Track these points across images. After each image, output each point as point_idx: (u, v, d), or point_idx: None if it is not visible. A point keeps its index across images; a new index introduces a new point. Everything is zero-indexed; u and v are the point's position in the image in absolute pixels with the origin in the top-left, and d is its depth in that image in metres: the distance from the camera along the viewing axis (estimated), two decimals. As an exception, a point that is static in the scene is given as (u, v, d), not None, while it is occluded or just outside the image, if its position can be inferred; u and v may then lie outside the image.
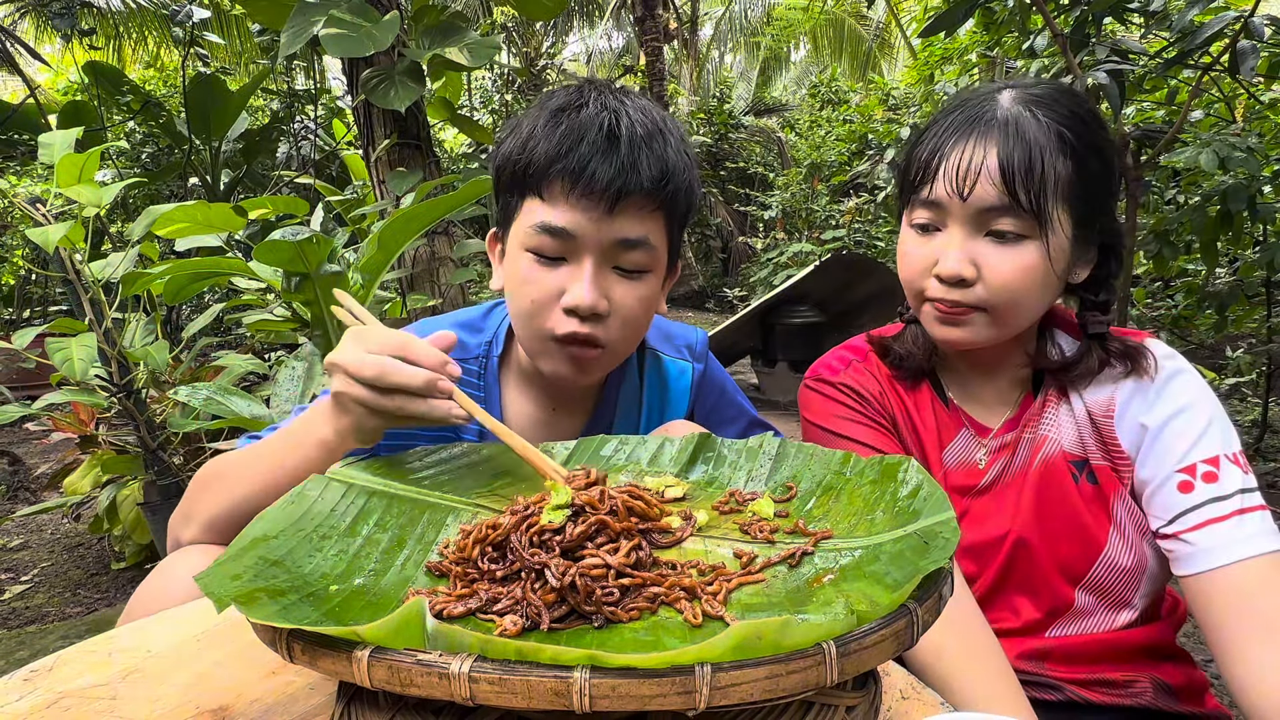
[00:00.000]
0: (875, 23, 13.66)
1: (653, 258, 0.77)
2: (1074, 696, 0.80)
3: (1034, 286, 0.75)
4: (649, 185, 0.72)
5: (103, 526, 2.39)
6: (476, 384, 0.88)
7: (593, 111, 0.73)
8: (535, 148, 0.73)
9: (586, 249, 0.74)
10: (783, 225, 7.63)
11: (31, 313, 5.44)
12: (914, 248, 0.80)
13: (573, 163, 0.71)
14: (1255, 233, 2.69)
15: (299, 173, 4.53)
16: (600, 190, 0.71)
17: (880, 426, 0.88)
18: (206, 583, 0.41)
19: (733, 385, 1.01)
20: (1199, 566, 0.71)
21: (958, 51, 4.22)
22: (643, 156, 0.72)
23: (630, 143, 0.72)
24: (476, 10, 9.18)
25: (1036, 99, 0.76)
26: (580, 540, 0.47)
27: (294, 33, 2.17)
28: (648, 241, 0.75)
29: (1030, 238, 0.74)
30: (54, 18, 4.00)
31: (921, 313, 0.82)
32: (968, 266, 0.75)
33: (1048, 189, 0.72)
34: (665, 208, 0.76)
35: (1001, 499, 0.84)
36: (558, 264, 0.75)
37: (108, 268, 1.93)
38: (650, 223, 0.76)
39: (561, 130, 0.73)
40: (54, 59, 6.38)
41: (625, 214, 0.73)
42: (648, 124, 0.74)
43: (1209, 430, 0.75)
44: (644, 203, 0.74)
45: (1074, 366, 0.81)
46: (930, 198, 0.77)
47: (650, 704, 0.33)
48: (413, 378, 0.60)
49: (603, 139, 0.72)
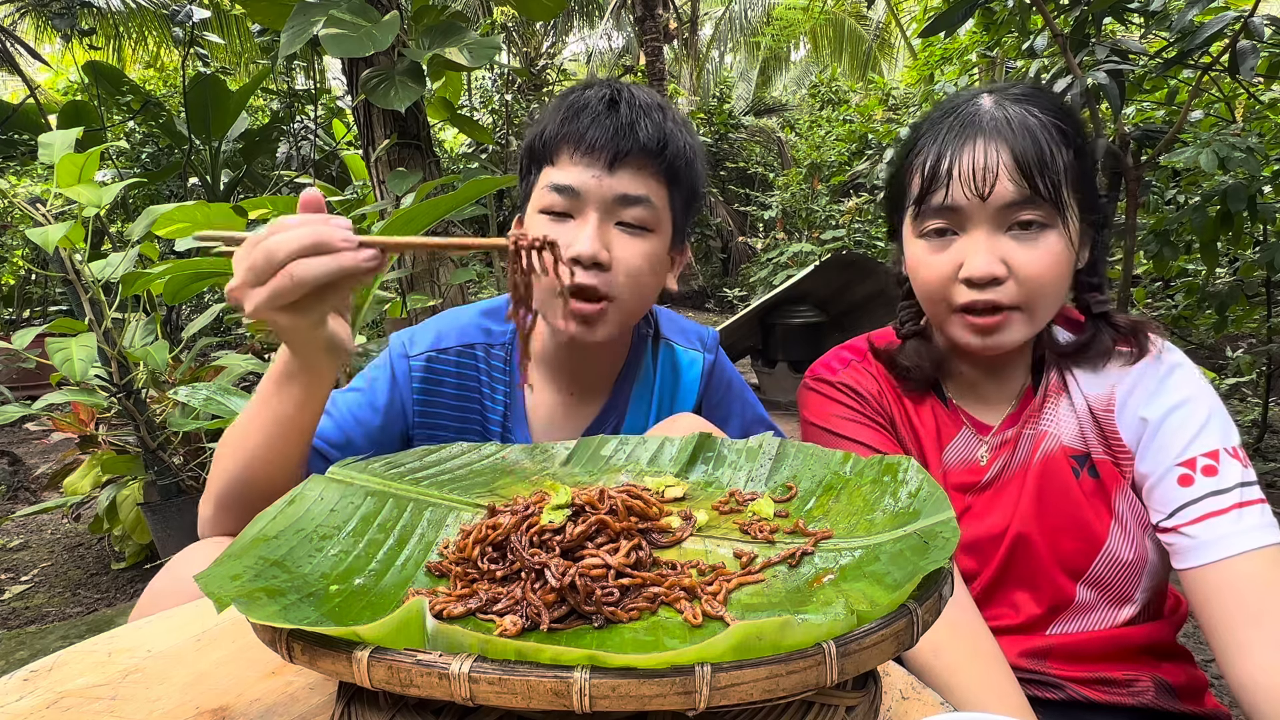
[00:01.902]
0: (875, 23, 13.66)
1: (654, 215, 0.82)
2: (1075, 695, 0.80)
3: (1062, 275, 0.77)
4: (646, 144, 0.79)
5: (103, 526, 2.39)
6: (504, 369, 0.93)
7: (597, 89, 0.83)
8: (546, 127, 0.82)
9: (590, 203, 0.80)
10: (783, 225, 7.63)
11: (31, 313, 5.44)
12: (931, 256, 0.79)
13: (576, 128, 0.79)
14: (1255, 233, 2.68)
15: (299, 173, 4.54)
16: (600, 148, 0.78)
17: (879, 426, 0.89)
18: (206, 583, 0.41)
19: (740, 382, 1.02)
20: (1198, 560, 0.71)
21: (958, 51, 4.22)
22: (641, 121, 0.79)
23: (630, 108, 0.80)
24: (476, 10, 9.17)
25: (1024, 97, 0.78)
26: (580, 540, 0.47)
27: (294, 33, 2.17)
28: (648, 199, 0.81)
29: (1051, 227, 0.75)
30: (54, 18, 4.00)
31: (950, 323, 0.81)
32: (998, 264, 0.75)
33: (1061, 176, 0.74)
34: (666, 173, 0.82)
35: (1003, 495, 0.84)
36: (566, 220, 0.81)
37: (108, 268, 1.93)
38: (651, 183, 0.81)
39: (567, 105, 0.82)
40: (54, 59, 6.38)
41: (625, 171, 0.79)
42: (648, 100, 0.82)
43: (1208, 424, 0.76)
44: (643, 163, 0.80)
45: (1088, 347, 0.82)
46: (946, 203, 0.77)
47: (650, 704, 0.33)
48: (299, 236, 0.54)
49: (604, 106, 0.80)
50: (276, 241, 0.54)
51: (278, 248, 0.54)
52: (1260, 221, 2.23)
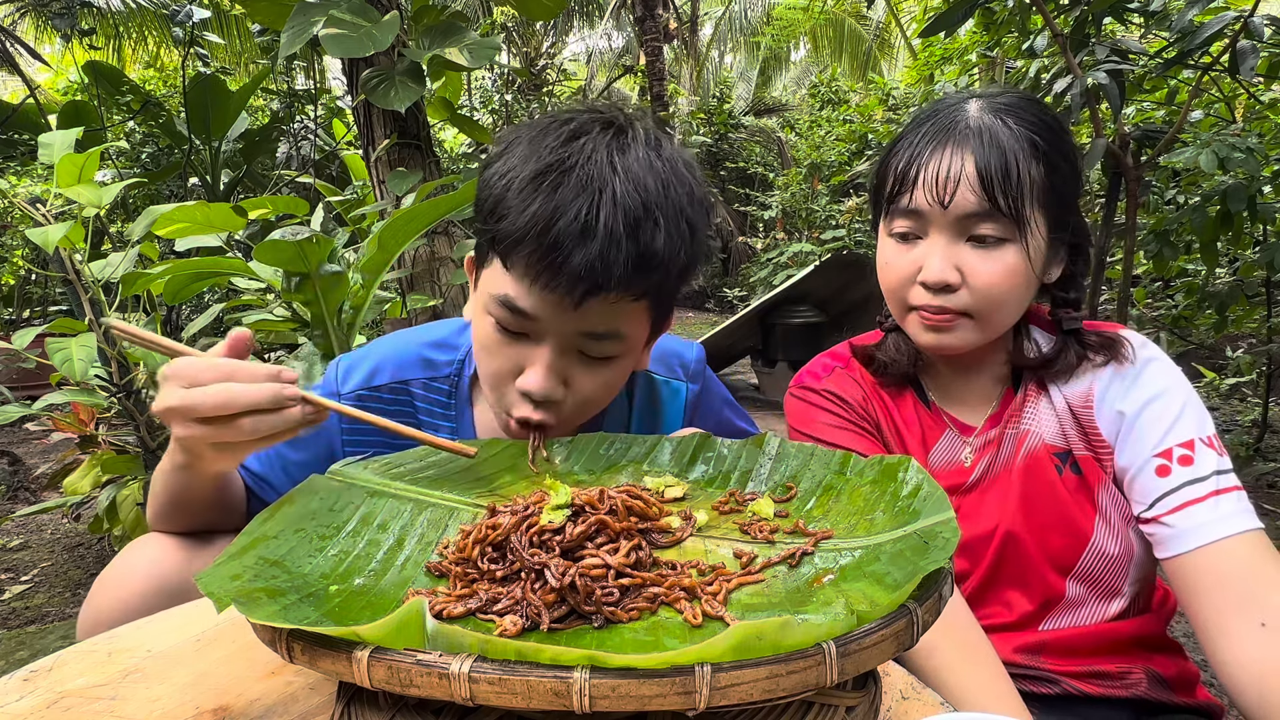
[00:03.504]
0: (875, 23, 13.66)
1: (624, 346, 0.71)
2: (1070, 689, 0.81)
3: (1016, 288, 0.77)
4: (621, 284, 0.64)
5: (103, 526, 2.38)
6: (446, 404, 0.85)
7: (575, 186, 0.63)
8: (506, 213, 0.65)
9: (548, 335, 0.68)
10: (783, 225, 7.63)
11: (31, 313, 5.44)
12: (895, 257, 0.82)
13: (540, 249, 0.63)
14: (1255, 233, 2.68)
15: (299, 173, 4.53)
16: (566, 285, 0.63)
17: (865, 432, 0.90)
18: (206, 583, 0.41)
19: (731, 407, 0.97)
20: (1179, 548, 0.73)
21: (958, 51, 4.22)
22: (620, 251, 0.63)
23: (609, 235, 0.62)
24: (476, 10, 9.17)
25: (1006, 108, 0.78)
26: (580, 540, 0.47)
27: (294, 33, 2.16)
28: (618, 334, 0.69)
29: (1010, 241, 0.76)
30: (54, 18, 4.00)
31: (907, 321, 0.84)
32: (952, 272, 0.77)
33: (1024, 193, 0.74)
34: (648, 296, 0.69)
35: (989, 495, 0.86)
36: (518, 338, 0.70)
37: (108, 268, 1.92)
38: (625, 315, 0.69)
39: (535, 208, 0.63)
40: (54, 59, 6.38)
41: (593, 308, 0.66)
42: (635, 207, 0.64)
43: (1183, 415, 0.77)
44: (617, 298, 0.66)
45: (1053, 362, 0.83)
46: (910, 206, 0.78)
47: (650, 704, 0.33)
48: (259, 393, 0.55)
49: (576, 229, 0.62)
50: (235, 392, 0.54)
51: (236, 398, 0.54)
52: (1260, 221, 2.23)
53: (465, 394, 0.87)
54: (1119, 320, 2.38)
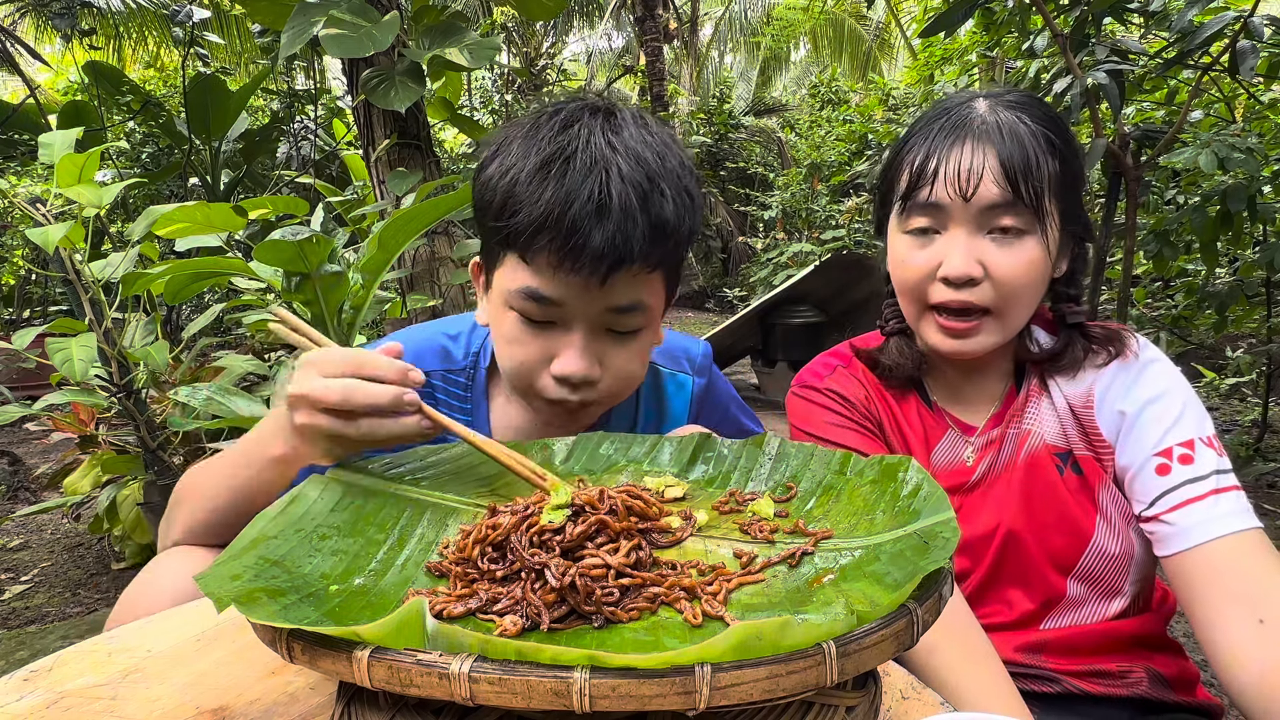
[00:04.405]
0: (875, 23, 13.67)
1: (647, 318, 0.73)
2: (1071, 688, 0.81)
3: (1035, 281, 0.78)
4: (641, 255, 0.66)
5: (103, 526, 2.39)
6: (463, 396, 0.86)
7: (581, 169, 0.65)
8: (519, 207, 0.66)
9: (577, 318, 0.70)
10: (783, 225, 7.63)
11: (31, 313, 5.44)
12: (912, 254, 0.81)
13: (560, 235, 0.64)
14: (1255, 233, 2.68)
15: (299, 173, 4.53)
16: (590, 265, 0.65)
17: (867, 431, 0.90)
18: (206, 583, 0.41)
19: (738, 405, 0.98)
20: (1179, 546, 0.73)
21: (958, 52, 4.22)
22: (636, 224, 0.65)
23: (623, 210, 0.65)
24: (476, 10, 9.18)
25: (1017, 104, 0.79)
26: (580, 540, 0.47)
27: (294, 33, 2.17)
28: (642, 304, 0.72)
29: (1029, 233, 0.76)
30: (54, 18, 4.00)
31: (923, 322, 0.83)
32: (975, 265, 0.77)
33: (1044, 185, 0.76)
34: (663, 264, 0.72)
35: (990, 494, 0.86)
36: (546, 327, 0.71)
37: (108, 268, 1.92)
38: (645, 285, 0.71)
39: (547, 196, 0.65)
40: (54, 59, 6.37)
41: (617, 284, 0.68)
42: (641, 180, 0.66)
43: (1183, 415, 0.78)
44: (638, 269, 0.69)
45: (1060, 356, 0.84)
46: (931, 200, 0.78)
47: (650, 704, 0.33)
48: (380, 395, 0.57)
49: (592, 209, 0.64)
50: (360, 390, 0.57)
51: (359, 395, 0.56)
52: (1260, 221, 2.23)
53: (482, 387, 0.87)
54: (1119, 320, 2.38)
